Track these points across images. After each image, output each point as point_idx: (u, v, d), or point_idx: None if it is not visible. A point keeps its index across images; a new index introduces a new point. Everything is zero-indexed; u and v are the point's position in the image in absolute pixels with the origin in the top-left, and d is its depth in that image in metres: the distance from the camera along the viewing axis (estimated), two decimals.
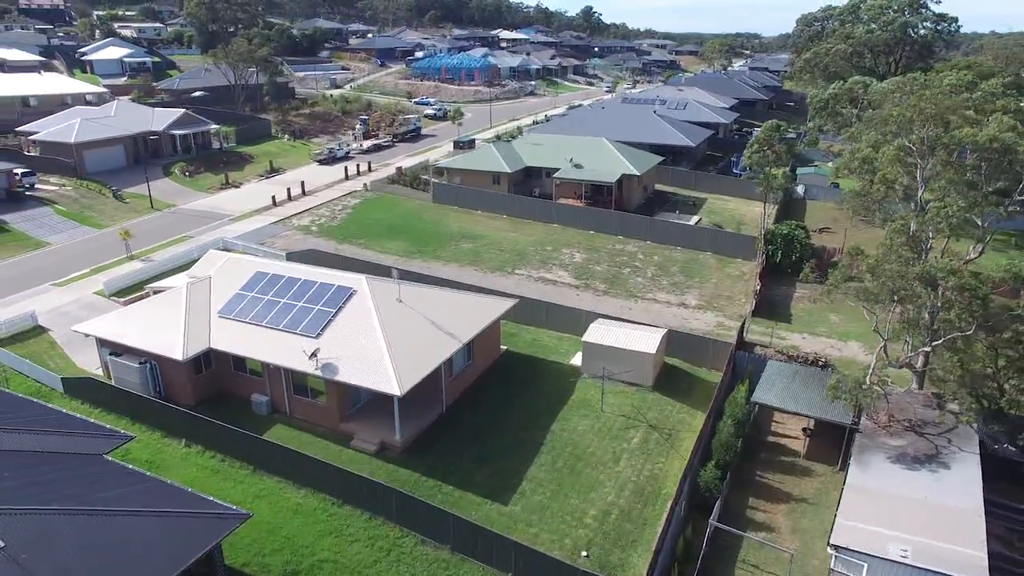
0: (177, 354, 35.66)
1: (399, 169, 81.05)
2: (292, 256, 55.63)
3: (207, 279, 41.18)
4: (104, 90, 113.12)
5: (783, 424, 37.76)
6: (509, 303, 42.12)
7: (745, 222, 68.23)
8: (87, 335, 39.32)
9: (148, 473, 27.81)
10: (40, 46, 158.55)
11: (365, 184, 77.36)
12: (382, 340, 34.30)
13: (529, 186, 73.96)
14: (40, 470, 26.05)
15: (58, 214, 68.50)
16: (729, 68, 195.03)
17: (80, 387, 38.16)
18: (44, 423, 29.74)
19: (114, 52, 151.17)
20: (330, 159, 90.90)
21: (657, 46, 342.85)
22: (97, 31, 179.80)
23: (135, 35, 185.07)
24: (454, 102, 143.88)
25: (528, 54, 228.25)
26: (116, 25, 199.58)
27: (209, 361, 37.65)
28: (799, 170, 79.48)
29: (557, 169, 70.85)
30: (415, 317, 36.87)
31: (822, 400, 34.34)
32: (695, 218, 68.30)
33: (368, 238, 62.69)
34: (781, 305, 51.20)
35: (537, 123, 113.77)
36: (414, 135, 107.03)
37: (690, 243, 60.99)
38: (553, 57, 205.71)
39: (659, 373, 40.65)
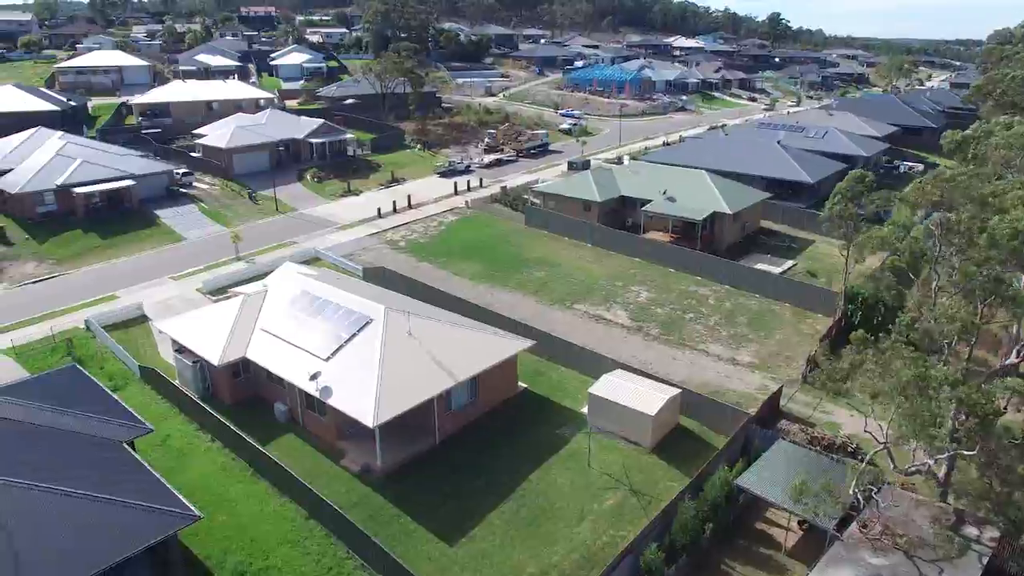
0: (215, 359, 40.57)
1: (503, 188, 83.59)
2: (367, 272, 60.12)
3: (263, 292, 46.06)
4: (273, 96, 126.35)
5: (779, 513, 35.36)
6: (523, 344, 42.98)
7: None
8: (160, 332, 45.62)
9: (147, 466, 32.16)
10: (241, 52, 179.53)
11: (467, 201, 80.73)
12: (376, 371, 36.76)
13: (623, 216, 73.32)
14: (60, 450, 31.33)
15: (201, 211, 78.56)
16: (911, 87, 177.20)
17: (149, 376, 44.47)
18: (88, 406, 35.48)
19: (296, 58, 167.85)
20: (450, 172, 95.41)
21: (848, 56, 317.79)
22: (290, 37, 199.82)
23: (321, 40, 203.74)
24: (599, 115, 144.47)
25: (697, 64, 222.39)
26: (308, 31, 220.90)
27: (247, 368, 42.29)
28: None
29: (650, 200, 69.74)
30: (419, 351, 38.95)
31: (817, 494, 31.89)
32: (787, 264, 64.29)
33: (447, 258, 65.75)
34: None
35: (668, 144, 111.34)
36: (540, 150, 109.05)
37: (770, 292, 57.73)
38: (718, 70, 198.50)
39: (666, 435, 39.55)
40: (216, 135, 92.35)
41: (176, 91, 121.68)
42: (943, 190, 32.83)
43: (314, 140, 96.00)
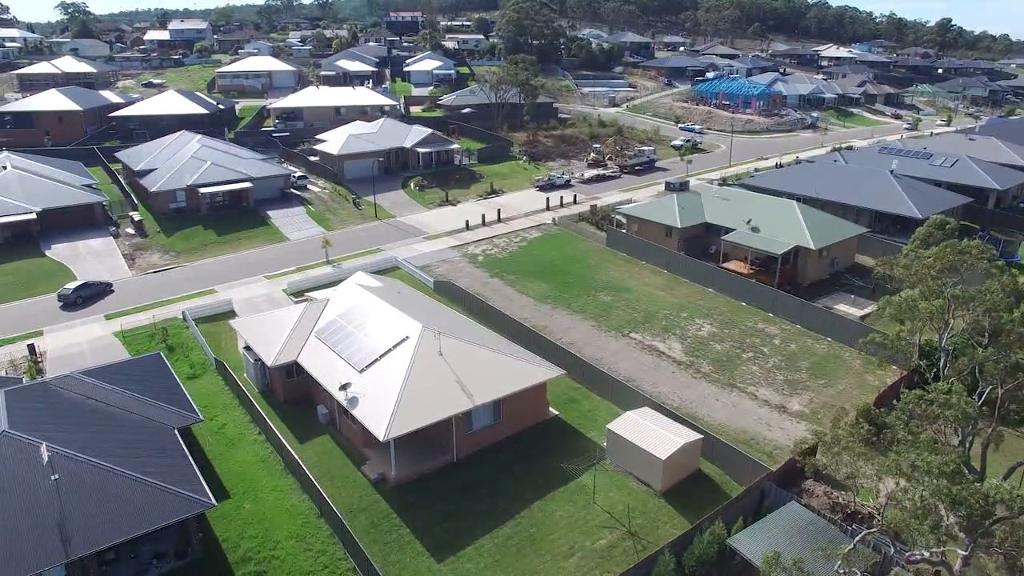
0: (270, 360, 44.71)
1: (593, 207, 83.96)
2: (437, 285, 63.05)
3: (324, 301, 49.93)
4: (396, 103, 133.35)
5: None
6: (552, 373, 43.78)
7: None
8: (234, 329, 50.66)
9: (185, 452, 36.20)
10: (379, 57, 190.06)
11: (555, 218, 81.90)
12: (399, 387, 39.11)
13: (707, 243, 71.66)
14: (113, 430, 36.15)
15: (308, 214, 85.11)
16: None
17: (221, 369, 49.57)
18: (155, 392, 40.46)
19: (428, 64, 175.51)
20: (548, 186, 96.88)
21: None
22: (427, 43, 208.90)
23: (457, 47, 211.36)
24: (720, 131, 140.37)
25: (843, 76, 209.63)
26: (447, 37, 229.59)
27: (300, 370, 46.11)
28: None
29: (733, 229, 67.77)
30: (446, 371, 40.91)
31: (814, 562, 30.62)
32: (871, 307, 60.28)
33: (518, 276, 67.35)
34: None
35: (780, 166, 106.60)
36: (646, 167, 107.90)
37: (843, 336, 54.63)
38: (862, 83, 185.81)
39: (682, 480, 39.02)
40: (332, 142, 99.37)
41: (309, 96, 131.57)
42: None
43: (421, 149, 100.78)
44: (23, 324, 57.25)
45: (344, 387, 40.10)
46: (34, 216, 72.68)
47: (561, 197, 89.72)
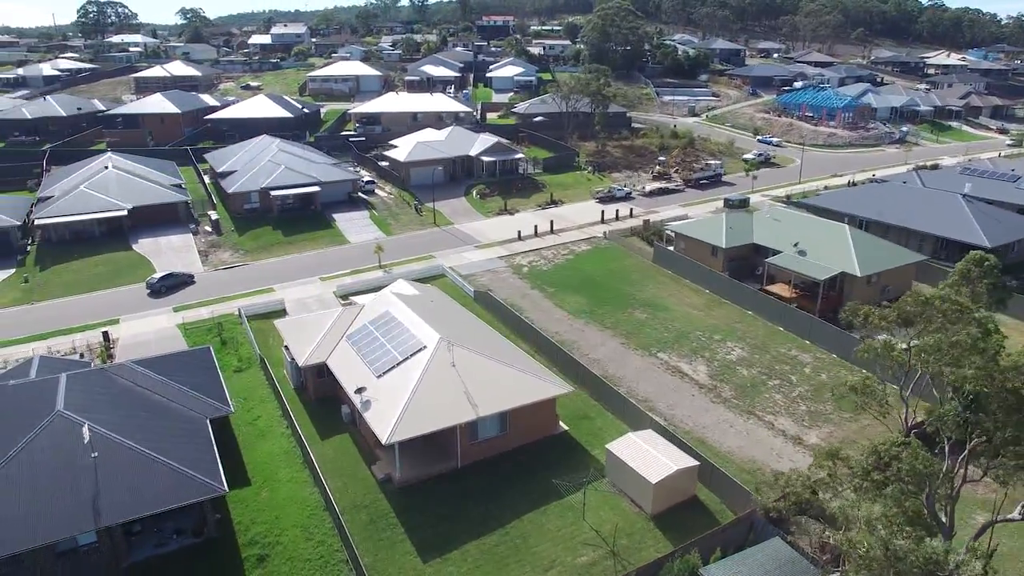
0: (301, 360, 48.27)
1: (646, 222, 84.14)
2: (477, 295, 65.34)
3: (359, 307, 53.18)
4: (470, 110, 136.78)
5: None
6: (560, 389, 45.12)
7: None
8: (277, 328, 54.67)
9: (211, 441, 39.77)
10: (464, 62, 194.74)
11: (606, 232, 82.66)
12: (408, 394, 41.58)
13: (754, 265, 70.68)
14: (149, 416, 40.29)
15: (370, 218, 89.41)
16: None
17: (263, 365, 53.68)
18: (195, 384, 44.61)
19: (510, 70, 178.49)
20: (608, 198, 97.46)
21: None
22: (512, 48, 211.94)
23: (542, 52, 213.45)
24: (799, 144, 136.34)
25: (949, 86, 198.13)
26: (534, 42, 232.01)
27: (330, 371, 49.43)
28: None
29: (780, 252, 66.73)
30: (455, 382, 43.07)
31: None
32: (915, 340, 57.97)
33: (558, 289, 68.71)
34: None
35: (853, 184, 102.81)
36: (712, 181, 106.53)
37: (877, 369, 53.05)
38: (966, 95, 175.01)
39: (675, 504, 39.57)
40: (401, 148, 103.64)
41: (388, 102, 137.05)
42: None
43: (486, 158, 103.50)
44: (107, 311, 63.59)
45: (359, 390, 42.96)
46: (125, 212, 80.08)
47: (617, 211, 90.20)
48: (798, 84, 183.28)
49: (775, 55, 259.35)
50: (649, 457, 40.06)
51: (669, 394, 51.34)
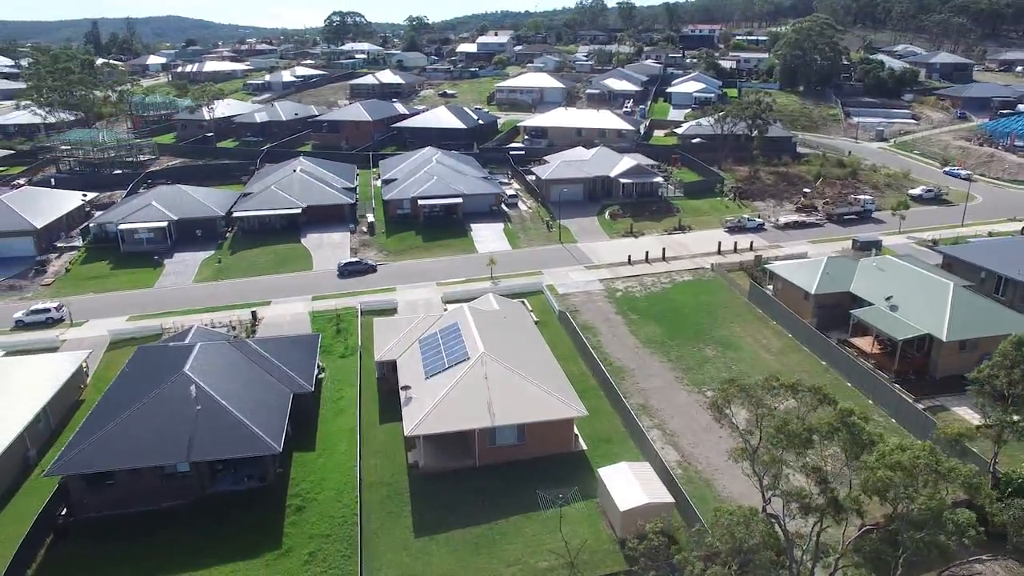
0: (377, 356, 58.17)
1: (757, 257, 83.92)
2: (560, 316, 71.21)
3: (436, 316, 61.99)
4: (633, 128, 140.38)
5: None
6: (573, 412, 50.23)
7: None
8: (374, 325, 65.15)
9: (286, 410, 50.73)
10: (650, 75, 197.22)
11: (712, 264, 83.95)
12: (439, 397, 49.46)
13: (846, 314, 68.91)
14: (244, 384, 52.11)
15: (504, 231, 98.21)
16: None
17: (360, 355, 64.44)
18: (292, 365, 56.16)
19: (690, 86, 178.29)
20: (737, 228, 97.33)
21: None
22: (702, 61, 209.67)
23: (734, 66, 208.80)
24: (996, 180, 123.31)
25: None
26: (729, 54, 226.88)
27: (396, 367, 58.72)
28: None
29: (871, 304, 64.89)
30: (482, 392, 50.11)
31: None
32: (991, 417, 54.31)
33: (640, 317, 72.35)
34: None
35: None
36: (860, 217, 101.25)
37: (933, 440, 51.40)
38: None
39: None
40: (547, 165, 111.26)
41: (556, 117, 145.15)
42: None
43: (624, 180, 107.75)
44: (269, 294, 78.74)
45: (405, 388, 51.68)
46: (300, 211, 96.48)
47: (735, 243, 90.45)
48: (1022, 107, 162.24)
49: (1018, 68, 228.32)
50: (630, 487, 44.16)
51: (698, 433, 54.00)
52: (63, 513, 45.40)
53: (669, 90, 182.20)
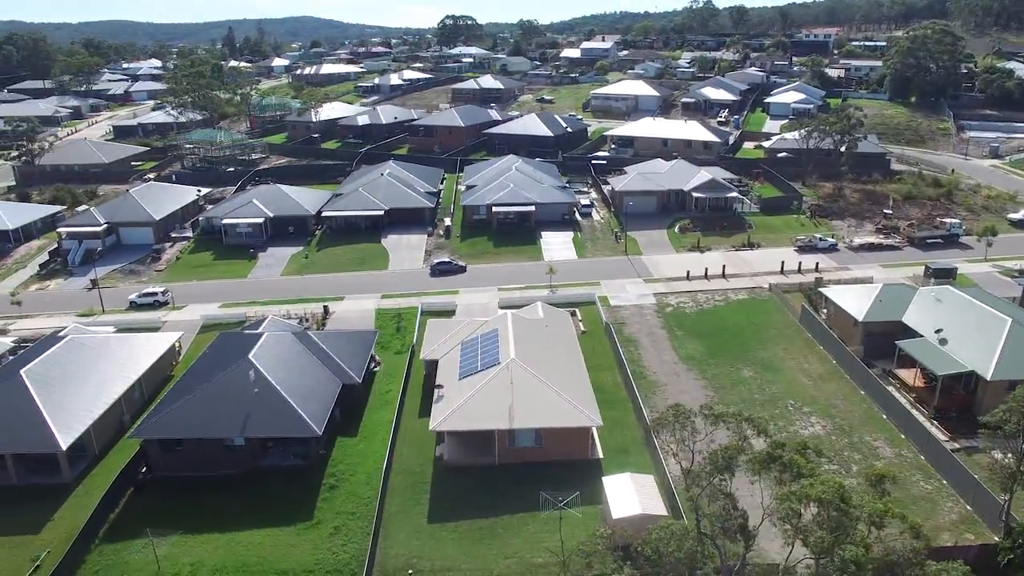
0: (420, 355, 63.50)
1: (817, 279, 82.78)
2: (606, 328, 73.83)
3: (482, 321, 66.47)
4: (719, 140, 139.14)
5: None
6: (587, 421, 53.17)
7: None
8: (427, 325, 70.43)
9: (333, 398, 56.87)
10: (751, 84, 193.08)
11: (770, 284, 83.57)
12: (465, 397, 53.90)
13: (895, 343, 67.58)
14: (297, 372, 58.60)
15: (572, 240, 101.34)
16: None
17: (412, 353, 69.96)
18: (346, 358, 62.31)
19: (789, 96, 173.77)
20: (808, 247, 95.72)
21: None
22: (808, 70, 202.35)
23: (840, 75, 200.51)
24: None
25: None
26: (840, 61, 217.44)
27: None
28: None
29: (921, 336, 63.56)
30: (506, 395, 54.05)
31: None
32: None
33: (686, 333, 73.67)
34: None
35: None
36: (944, 241, 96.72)
37: (957, 481, 50.73)
38: None
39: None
40: (623, 176, 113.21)
41: (643, 126, 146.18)
42: None
43: (697, 194, 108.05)
44: (338, 290, 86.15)
45: (438, 387, 56.51)
46: (382, 213, 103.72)
47: (800, 263, 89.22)
48: None
49: None
50: (627, 497, 46.86)
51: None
52: (143, 470, 53.42)
53: (768, 100, 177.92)
